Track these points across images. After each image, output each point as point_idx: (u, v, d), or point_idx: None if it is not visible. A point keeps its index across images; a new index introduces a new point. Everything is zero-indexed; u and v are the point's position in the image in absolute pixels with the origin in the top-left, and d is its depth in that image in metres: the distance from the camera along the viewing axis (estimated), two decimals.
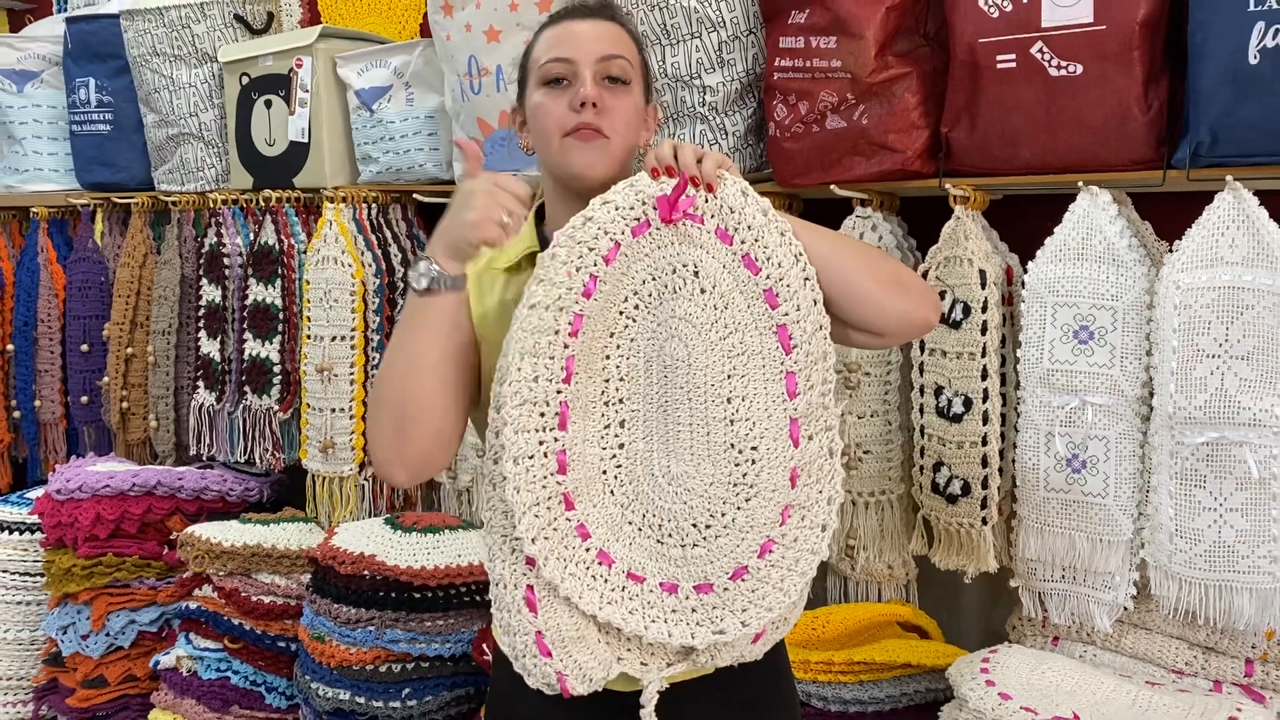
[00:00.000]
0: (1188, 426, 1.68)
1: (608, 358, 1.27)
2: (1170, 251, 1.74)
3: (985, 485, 1.89)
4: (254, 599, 2.42)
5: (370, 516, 2.59)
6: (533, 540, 1.22)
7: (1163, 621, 1.83)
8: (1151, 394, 1.75)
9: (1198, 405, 1.67)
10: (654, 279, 1.27)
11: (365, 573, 2.19)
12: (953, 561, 1.96)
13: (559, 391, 1.23)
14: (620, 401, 1.27)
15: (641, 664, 1.28)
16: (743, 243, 1.27)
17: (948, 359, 1.91)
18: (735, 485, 1.25)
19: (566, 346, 1.23)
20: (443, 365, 1.29)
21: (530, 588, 1.24)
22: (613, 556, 1.26)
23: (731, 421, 1.25)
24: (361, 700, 2.16)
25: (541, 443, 1.23)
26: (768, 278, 1.26)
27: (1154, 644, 1.85)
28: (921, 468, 1.98)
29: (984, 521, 1.90)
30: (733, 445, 1.25)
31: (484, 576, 2.22)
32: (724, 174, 1.27)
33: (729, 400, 1.25)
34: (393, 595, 2.18)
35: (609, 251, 1.25)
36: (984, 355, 1.88)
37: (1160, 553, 1.74)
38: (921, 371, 1.97)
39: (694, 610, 1.26)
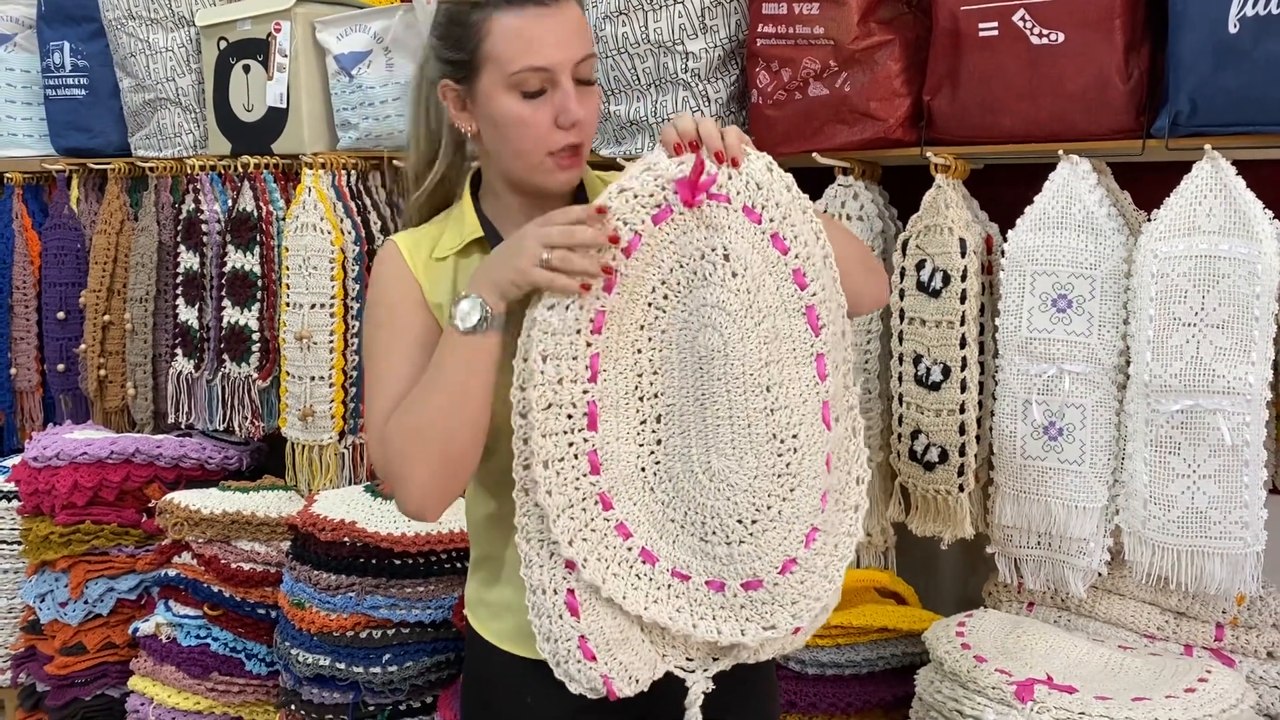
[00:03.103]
0: (1163, 394, 1.70)
1: (639, 351, 1.23)
2: (1148, 220, 1.75)
3: (962, 453, 1.91)
4: (233, 566, 2.42)
5: (350, 484, 2.59)
6: (570, 542, 1.19)
7: (1136, 587, 1.86)
8: (1128, 362, 1.77)
9: (1173, 373, 1.68)
10: (682, 266, 1.22)
11: (345, 539, 2.19)
12: (930, 528, 1.98)
13: (585, 391, 1.20)
14: (655, 396, 1.23)
15: (687, 659, 1.26)
16: (771, 220, 1.21)
17: (927, 327, 1.92)
18: (780, 476, 1.21)
19: (589, 345, 1.19)
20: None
21: (571, 592, 1.21)
22: (656, 555, 1.23)
23: (772, 410, 1.21)
24: (342, 666, 2.16)
25: (571, 444, 1.20)
26: (796, 257, 1.22)
27: (1127, 609, 1.88)
28: (899, 435, 2.00)
29: (961, 488, 1.92)
30: (775, 435, 1.21)
31: (464, 543, 2.23)
32: (748, 149, 1.23)
33: (768, 389, 1.21)
34: (373, 562, 2.18)
35: (629, 243, 1.19)
36: (963, 324, 1.89)
37: (1134, 519, 1.76)
38: (900, 340, 1.98)
39: (743, 607, 1.23)
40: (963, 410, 1.90)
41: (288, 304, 2.57)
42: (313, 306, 2.55)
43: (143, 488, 2.67)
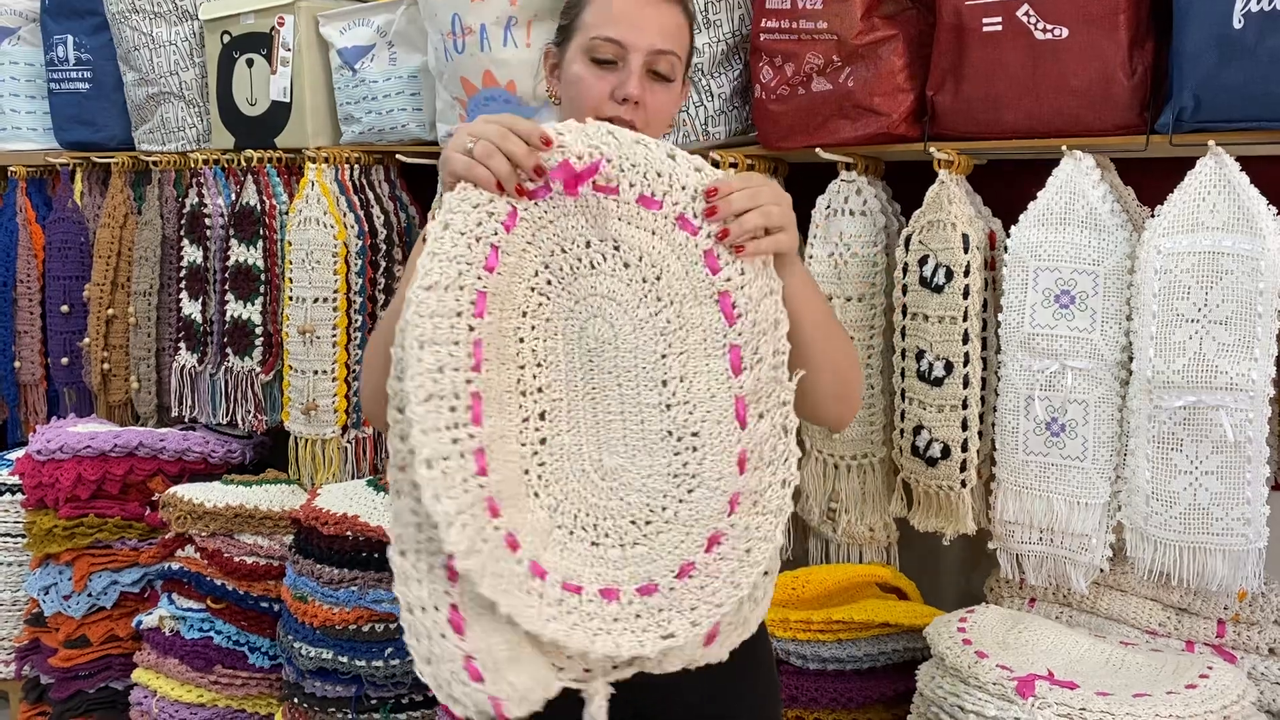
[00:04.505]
0: (1166, 390, 1.70)
1: (521, 340, 1.14)
2: (1152, 216, 1.75)
3: (965, 448, 1.91)
4: (236, 559, 2.42)
5: (353, 478, 2.59)
6: (466, 554, 1.03)
7: (1137, 583, 1.86)
8: (1131, 358, 1.77)
9: (1176, 369, 1.68)
10: (564, 251, 1.15)
11: (348, 533, 2.19)
12: (932, 523, 1.98)
13: (469, 381, 1.07)
14: (539, 391, 1.14)
15: (585, 670, 1.14)
16: (675, 204, 1.15)
17: (929, 323, 1.92)
18: (675, 476, 1.14)
19: (472, 329, 1.08)
20: None
21: (454, 607, 1.07)
22: (545, 567, 1.11)
23: (668, 406, 1.14)
24: (344, 659, 2.17)
25: (455, 440, 1.05)
26: (708, 236, 1.15)
27: (1128, 605, 1.88)
28: (902, 431, 2.00)
29: (963, 484, 1.92)
30: (670, 433, 1.14)
31: None
32: (646, 140, 1.19)
33: (664, 383, 1.14)
34: (375, 556, 2.18)
35: (507, 217, 1.12)
36: (965, 319, 1.89)
37: (1136, 515, 1.76)
38: (903, 335, 1.98)
39: (638, 615, 1.12)
40: (965, 406, 1.90)
41: (291, 298, 2.58)
42: (316, 300, 2.55)
43: (146, 481, 2.68)
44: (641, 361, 1.15)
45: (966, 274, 1.87)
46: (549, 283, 1.15)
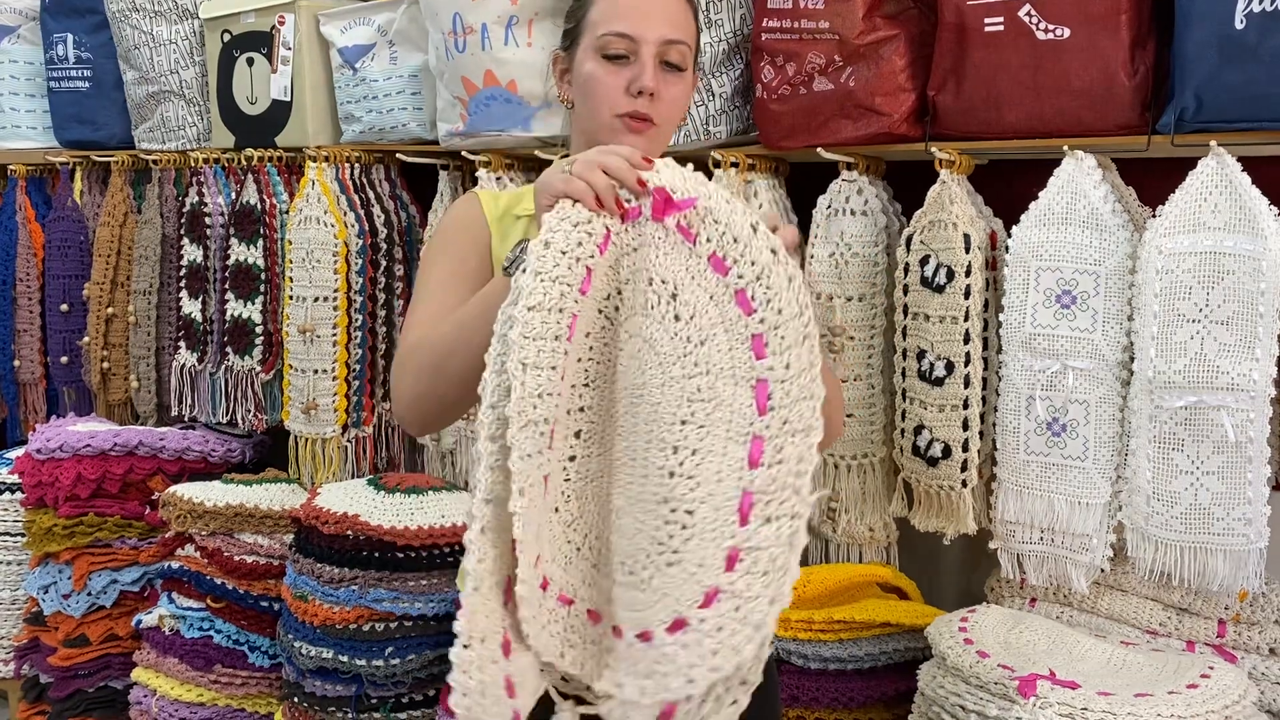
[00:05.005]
0: (1167, 390, 1.70)
1: (579, 360, 1.11)
2: (1153, 217, 1.75)
3: (965, 448, 1.91)
4: (236, 559, 2.42)
5: (353, 477, 2.59)
6: (523, 580, 1.03)
7: (1138, 583, 1.86)
8: (1132, 358, 1.77)
9: (1177, 369, 1.68)
10: (634, 280, 1.12)
11: (348, 533, 2.19)
12: (932, 523, 1.98)
13: (557, 406, 1.05)
14: (581, 410, 1.11)
15: (563, 679, 1.10)
16: (740, 277, 1.10)
17: (930, 323, 1.92)
18: (660, 544, 1.05)
19: (566, 354, 1.06)
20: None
21: (505, 631, 1.06)
22: (549, 579, 1.08)
23: (671, 474, 1.06)
24: (345, 659, 2.17)
25: (539, 467, 1.04)
26: (760, 321, 1.08)
27: (1129, 605, 1.88)
28: (903, 430, 2.00)
29: (964, 484, 1.92)
30: (665, 500, 1.06)
31: None
32: (736, 203, 1.16)
33: (675, 450, 1.06)
34: (376, 555, 2.18)
35: (602, 239, 1.10)
36: (966, 319, 1.89)
37: (1137, 515, 1.76)
38: (904, 335, 1.98)
39: (610, 650, 1.07)
40: (966, 406, 1.90)
41: (291, 297, 2.58)
42: (316, 300, 2.55)
43: (146, 480, 2.68)
44: (660, 418, 1.08)
45: (968, 274, 1.87)
46: (616, 309, 1.13)
